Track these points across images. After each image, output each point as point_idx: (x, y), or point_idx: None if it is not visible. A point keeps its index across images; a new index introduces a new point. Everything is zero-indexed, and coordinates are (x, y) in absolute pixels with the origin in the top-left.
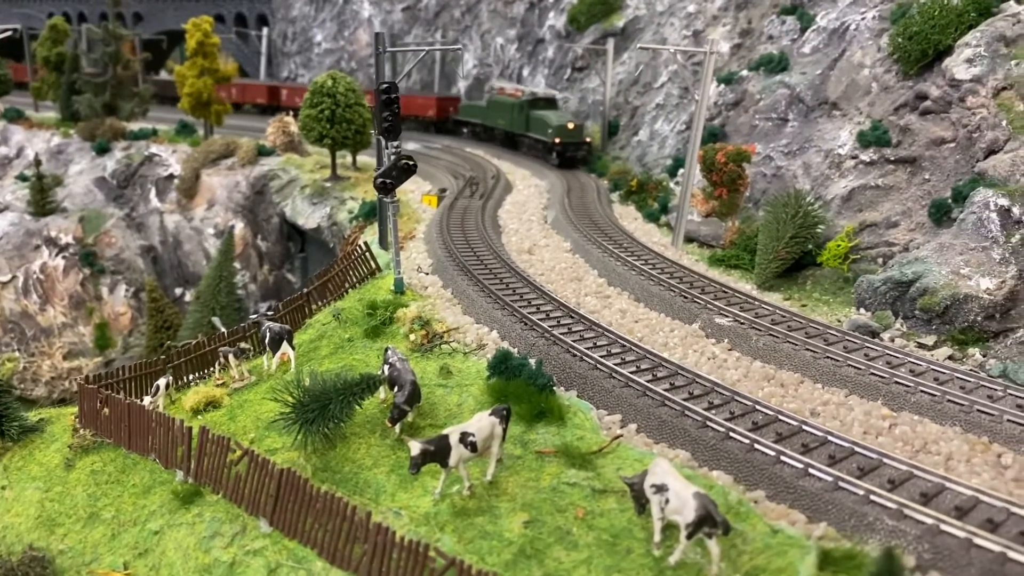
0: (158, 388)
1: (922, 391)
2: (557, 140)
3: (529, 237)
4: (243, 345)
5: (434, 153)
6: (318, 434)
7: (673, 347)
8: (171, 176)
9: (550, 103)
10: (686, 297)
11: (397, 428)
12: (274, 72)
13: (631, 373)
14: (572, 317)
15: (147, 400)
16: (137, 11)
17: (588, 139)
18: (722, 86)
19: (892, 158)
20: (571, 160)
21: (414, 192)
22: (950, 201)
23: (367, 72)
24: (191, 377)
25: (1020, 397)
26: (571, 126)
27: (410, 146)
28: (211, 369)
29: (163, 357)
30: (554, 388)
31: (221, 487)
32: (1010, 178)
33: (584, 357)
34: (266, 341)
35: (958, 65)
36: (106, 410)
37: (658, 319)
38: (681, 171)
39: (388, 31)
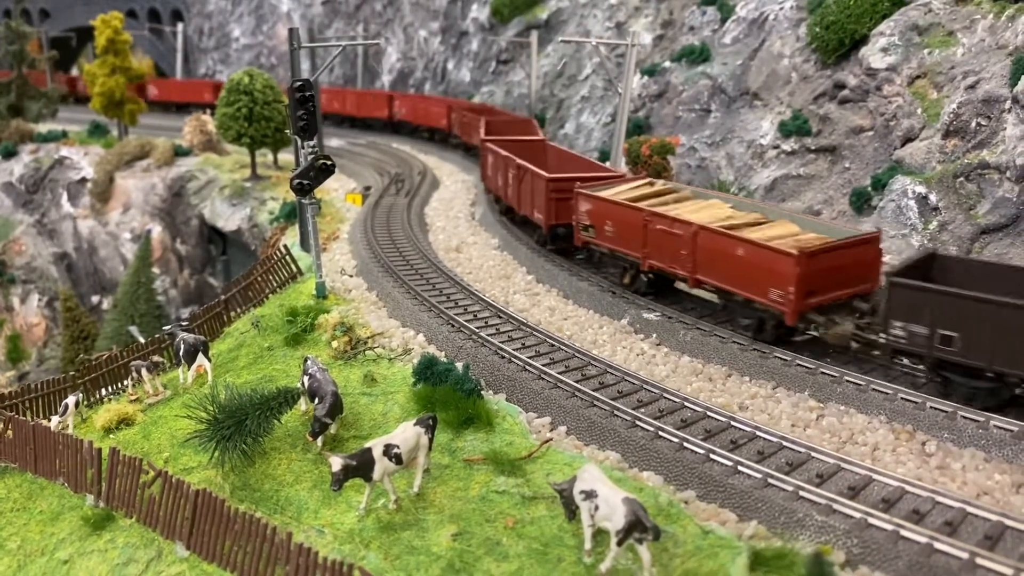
0: (67, 407)
1: (847, 380)
2: None
3: (456, 235)
4: (156, 358)
5: (358, 149)
6: (235, 451)
7: (602, 344)
8: (84, 179)
9: None
10: (614, 293)
11: (319, 442)
12: (191, 69)
13: (560, 373)
14: (500, 317)
15: (55, 420)
16: (44, 7)
17: None
18: (645, 78)
19: (813, 147)
20: None
21: (338, 191)
22: (870, 189)
23: (289, 68)
24: (104, 392)
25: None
26: None
27: (333, 142)
28: (124, 384)
29: (74, 373)
30: (482, 392)
31: (134, 511)
32: (926, 165)
33: (512, 359)
34: (180, 354)
35: (874, 54)
36: (9, 432)
37: (587, 316)
38: (607, 164)
39: (308, 25)
